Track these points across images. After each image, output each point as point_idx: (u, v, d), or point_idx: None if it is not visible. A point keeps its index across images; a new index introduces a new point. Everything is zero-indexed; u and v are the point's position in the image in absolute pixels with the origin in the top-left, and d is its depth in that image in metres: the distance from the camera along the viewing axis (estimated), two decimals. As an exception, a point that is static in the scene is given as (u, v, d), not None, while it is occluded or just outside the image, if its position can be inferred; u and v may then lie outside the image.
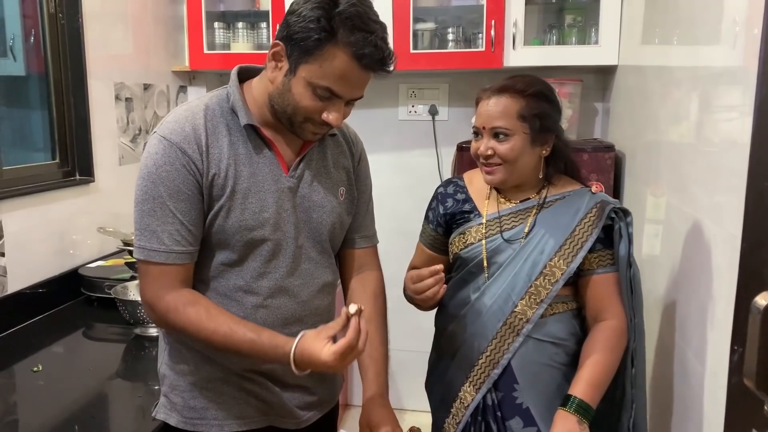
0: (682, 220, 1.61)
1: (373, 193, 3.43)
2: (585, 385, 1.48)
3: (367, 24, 1.19)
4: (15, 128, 2.34)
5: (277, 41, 1.24)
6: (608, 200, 1.57)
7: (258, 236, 1.30)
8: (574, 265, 1.52)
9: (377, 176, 3.09)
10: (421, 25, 2.79)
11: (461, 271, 1.65)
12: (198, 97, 1.36)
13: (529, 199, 1.62)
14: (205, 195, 1.26)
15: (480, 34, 2.69)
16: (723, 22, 1.41)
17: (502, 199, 1.64)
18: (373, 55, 1.19)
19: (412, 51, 2.70)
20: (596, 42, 2.59)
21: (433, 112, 3.06)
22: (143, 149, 1.31)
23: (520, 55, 2.60)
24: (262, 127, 1.32)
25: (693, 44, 1.64)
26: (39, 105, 2.35)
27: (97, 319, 2.13)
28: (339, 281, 1.54)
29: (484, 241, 1.59)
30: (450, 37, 2.82)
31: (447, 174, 3.03)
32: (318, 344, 1.19)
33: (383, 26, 1.23)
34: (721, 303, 1.32)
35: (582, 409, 1.45)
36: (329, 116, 1.25)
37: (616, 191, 2.41)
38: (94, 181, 2.38)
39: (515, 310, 1.54)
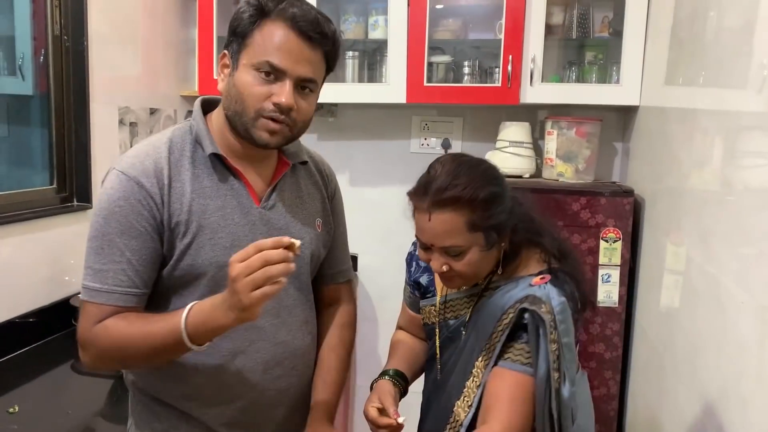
0: (703, 279, 1.51)
1: (381, 227, 3.34)
2: None
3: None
4: (20, 148, 2.31)
5: (222, 52, 1.25)
6: (538, 295, 1.26)
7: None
8: (488, 371, 1.30)
9: (386, 210, 3.06)
10: (436, 57, 2.72)
11: (430, 350, 1.50)
12: (159, 132, 1.31)
13: (476, 284, 1.40)
14: (166, 232, 1.19)
15: (497, 69, 2.62)
16: (751, 66, 1.33)
17: None
18: (305, 16, 1.17)
19: (426, 84, 2.62)
20: (617, 81, 2.49)
21: (446, 145, 2.98)
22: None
23: (538, 92, 2.52)
24: (229, 157, 1.25)
25: (719, 87, 1.56)
26: (45, 125, 2.30)
27: (87, 352, 2.05)
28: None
29: (437, 331, 1.44)
30: (466, 70, 2.74)
31: (458, 210, 2.93)
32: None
33: (310, 4, 1.23)
34: (748, 379, 1.21)
35: None
36: (279, 98, 1.16)
37: (635, 239, 2.30)
38: (91, 207, 2.31)
39: (454, 410, 1.35)
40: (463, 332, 1.38)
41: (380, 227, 3.10)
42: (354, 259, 3.09)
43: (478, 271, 1.32)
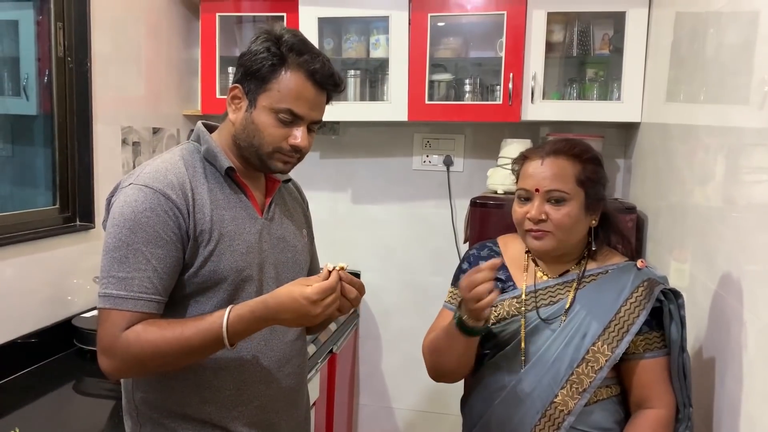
0: (708, 298, 1.49)
1: (383, 244, 3.35)
2: None
3: (311, 49, 1.31)
4: (23, 168, 2.32)
5: (233, 85, 1.32)
6: (656, 277, 1.44)
7: (247, 275, 1.32)
8: (620, 351, 1.38)
9: (389, 227, 3.06)
10: (437, 76, 2.73)
11: (495, 352, 1.50)
12: (166, 152, 1.38)
13: (567, 272, 1.49)
14: (190, 241, 1.26)
15: (498, 86, 2.62)
16: (752, 83, 1.32)
17: (540, 272, 1.51)
18: (323, 70, 1.29)
19: (427, 102, 2.63)
20: (618, 98, 2.50)
21: (447, 162, 2.98)
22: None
23: (539, 109, 2.52)
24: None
25: (720, 103, 1.56)
26: (49, 145, 2.31)
27: (89, 373, 2.04)
28: None
29: (523, 321, 1.46)
30: (467, 88, 2.75)
31: (461, 227, 2.93)
32: (294, 286, 1.18)
33: (324, 55, 1.33)
34: (755, 398, 1.20)
35: None
36: (296, 140, 1.29)
37: (638, 256, 2.28)
38: (94, 227, 2.31)
39: (555, 400, 1.39)
40: (563, 319, 1.43)
41: (383, 244, 3.09)
42: (356, 276, 3.07)
43: (570, 229, 1.43)
